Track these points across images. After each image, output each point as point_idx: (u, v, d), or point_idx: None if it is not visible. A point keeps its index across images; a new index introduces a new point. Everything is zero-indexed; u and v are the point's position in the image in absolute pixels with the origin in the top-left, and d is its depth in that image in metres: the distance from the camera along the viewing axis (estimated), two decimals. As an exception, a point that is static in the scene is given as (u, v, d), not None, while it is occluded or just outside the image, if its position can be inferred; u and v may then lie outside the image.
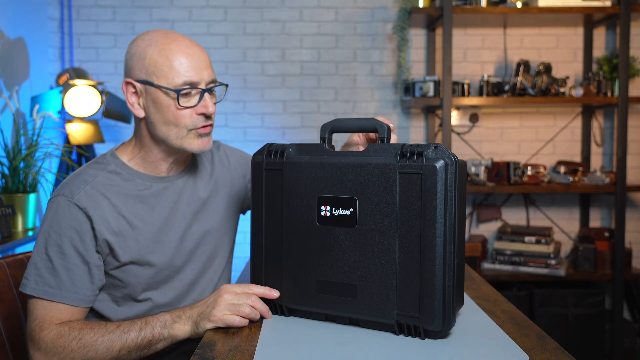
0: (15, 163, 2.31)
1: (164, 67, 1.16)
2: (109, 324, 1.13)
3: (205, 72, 1.19)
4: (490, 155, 3.27)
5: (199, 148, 1.23)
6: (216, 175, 1.39)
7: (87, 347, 1.10)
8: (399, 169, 0.99)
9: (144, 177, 1.26)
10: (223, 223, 1.38)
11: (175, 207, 1.28)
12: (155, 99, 1.18)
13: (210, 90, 1.22)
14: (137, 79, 1.19)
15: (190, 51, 1.18)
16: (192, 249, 1.31)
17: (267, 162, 1.12)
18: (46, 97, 2.68)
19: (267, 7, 3.22)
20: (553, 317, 2.92)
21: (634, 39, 3.17)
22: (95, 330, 1.11)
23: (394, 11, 3.21)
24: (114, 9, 3.18)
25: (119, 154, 1.28)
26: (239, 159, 1.48)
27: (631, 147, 3.24)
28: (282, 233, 1.11)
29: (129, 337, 1.10)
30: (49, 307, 1.14)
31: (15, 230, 2.29)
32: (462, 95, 3.05)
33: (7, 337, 1.29)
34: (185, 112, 1.18)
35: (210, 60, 1.23)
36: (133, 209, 1.22)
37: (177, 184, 1.30)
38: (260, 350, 0.99)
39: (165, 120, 1.19)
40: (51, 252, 1.16)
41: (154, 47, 1.18)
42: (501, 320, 1.14)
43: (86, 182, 1.19)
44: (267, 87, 3.23)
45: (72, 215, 1.16)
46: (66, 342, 1.10)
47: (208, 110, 1.20)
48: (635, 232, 3.29)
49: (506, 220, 3.30)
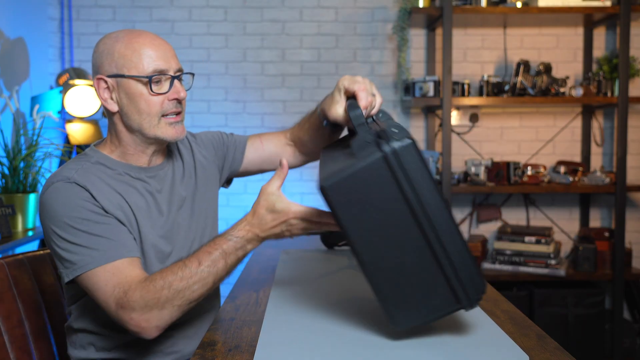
0: (15, 163, 2.31)
1: (133, 58, 1.21)
2: (188, 264, 1.12)
3: (172, 61, 1.25)
4: (490, 155, 3.27)
5: (174, 136, 1.26)
6: (189, 160, 1.42)
7: (182, 290, 1.10)
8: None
9: (127, 167, 1.29)
10: (205, 206, 1.41)
11: (161, 195, 1.31)
12: (127, 90, 1.22)
13: (179, 77, 1.26)
14: (108, 74, 1.23)
15: (157, 42, 1.24)
16: (181, 234, 1.32)
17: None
18: (46, 97, 2.68)
19: (267, 7, 3.22)
20: (553, 317, 2.92)
21: (634, 39, 3.17)
22: (180, 274, 1.10)
23: (394, 11, 3.21)
24: (114, 9, 3.18)
25: (99, 149, 1.31)
26: (202, 140, 1.49)
27: (631, 147, 3.23)
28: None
29: (218, 269, 1.12)
30: (117, 270, 1.13)
31: (15, 230, 2.29)
32: (462, 95, 3.05)
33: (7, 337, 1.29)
34: (157, 98, 1.22)
35: (174, 52, 1.28)
36: (126, 192, 1.24)
37: (159, 175, 1.33)
38: (260, 350, 0.99)
39: (139, 109, 1.22)
40: (81, 227, 1.15)
41: (121, 42, 1.22)
42: (501, 320, 1.14)
43: (75, 170, 1.21)
44: (267, 87, 3.23)
45: (76, 191, 1.17)
46: (157, 294, 1.09)
47: (180, 95, 1.24)
48: (635, 232, 3.29)
49: (506, 220, 3.30)
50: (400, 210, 0.95)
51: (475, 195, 3.28)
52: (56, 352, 1.42)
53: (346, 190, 0.95)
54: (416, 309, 0.98)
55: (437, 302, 0.98)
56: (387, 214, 0.95)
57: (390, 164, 0.93)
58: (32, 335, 1.36)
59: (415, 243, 0.96)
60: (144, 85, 1.21)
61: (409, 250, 0.96)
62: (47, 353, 1.39)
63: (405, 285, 0.98)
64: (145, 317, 1.09)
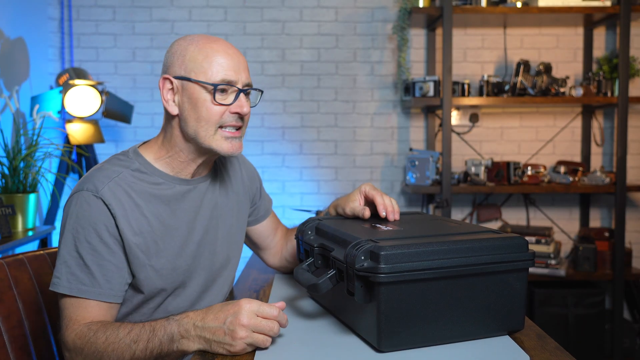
0: (15, 163, 2.31)
1: (203, 64, 1.18)
2: (122, 328, 1.07)
3: (243, 73, 1.21)
4: (490, 155, 3.27)
5: (229, 151, 1.22)
6: (232, 184, 1.40)
7: (100, 352, 1.06)
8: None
9: (168, 178, 1.24)
10: (235, 232, 1.38)
11: (196, 212, 1.27)
12: (191, 94, 1.19)
13: (246, 92, 1.22)
14: (175, 76, 1.20)
15: (231, 52, 1.20)
16: (207, 257, 1.30)
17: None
18: (46, 97, 2.68)
19: (267, 7, 3.22)
20: (553, 317, 2.92)
21: (634, 39, 3.17)
22: (107, 335, 1.07)
23: (394, 11, 3.21)
24: (114, 9, 3.18)
25: (143, 152, 1.26)
26: (249, 171, 1.48)
27: (631, 147, 3.24)
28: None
29: (138, 347, 1.04)
30: (79, 305, 1.13)
31: (15, 230, 2.29)
32: (462, 95, 3.05)
33: (7, 337, 1.29)
34: (219, 108, 1.19)
35: (247, 65, 1.24)
36: (155, 211, 1.21)
37: (199, 188, 1.29)
38: (260, 350, 0.99)
39: (198, 116, 1.19)
40: (81, 249, 1.14)
41: (195, 45, 1.20)
42: (501, 320, 1.14)
43: (110, 178, 1.17)
44: (267, 87, 3.23)
45: (99, 209, 1.14)
46: (83, 343, 1.08)
47: (242, 110, 1.20)
48: (635, 232, 3.29)
49: (506, 220, 3.30)
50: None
51: (476, 195, 3.28)
52: (56, 352, 1.42)
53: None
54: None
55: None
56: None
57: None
58: (32, 335, 1.36)
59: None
60: (209, 92, 1.17)
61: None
62: (47, 353, 1.39)
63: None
64: (72, 358, 1.11)
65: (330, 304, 1.14)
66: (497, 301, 1.02)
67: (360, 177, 3.27)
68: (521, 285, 1.04)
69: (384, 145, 3.28)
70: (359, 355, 0.96)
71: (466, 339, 1.02)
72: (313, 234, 1.24)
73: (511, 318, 1.04)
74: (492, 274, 1.01)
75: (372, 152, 3.28)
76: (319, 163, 3.27)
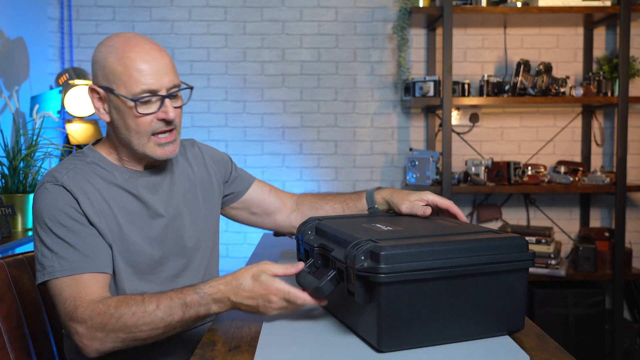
0: (15, 163, 2.31)
1: (122, 76, 1.18)
2: (147, 302, 1.08)
3: (165, 78, 1.20)
4: (491, 155, 3.27)
5: (162, 156, 1.25)
6: (193, 170, 1.41)
7: (130, 327, 1.07)
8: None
9: (122, 170, 1.28)
10: (203, 217, 1.39)
11: (155, 199, 1.29)
12: (117, 105, 1.21)
13: (171, 95, 1.22)
14: (100, 85, 1.22)
15: (150, 57, 1.19)
16: (175, 240, 1.31)
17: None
18: (46, 97, 2.68)
19: (267, 7, 3.22)
20: (553, 317, 2.92)
21: (634, 39, 3.17)
22: (133, 309, 1.07)
23: (394, 11, 3.21)
24: (114, 9, 3.18)
25: (97, 149, 1.30)
26: (213, 155, 1.49)
27: (631, 147, 3.23)
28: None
29: (173, 319, 1.07)
30: (77, 284, 1.13)
31: (15, 230, 2.29)
32: (462, 95, 3.05)
33: (7, 337, 1.29)
34: (145, 118, 1.20)
35: (172, 64, 1.23)
36: (115, 196, 1.24)
37: (155, 179, 1.31)
38: (260, 350, 0.99)
39: (127, 126, 1.21)
40: (61, 233, 1.16)
41: (115, 54, 1.19)
42: (501, 320, 1.14)
43: (67, 169, 1.21)
44: (267, 87, 3.23)
45: (62, 194, 1.18)
46: (105, 320, 1.08)
47: (168, 116, 1.21)
48: (635, 232, 3.29)
49: (506, 220, 3.30)
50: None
51: (476, 195, 3.28)
52: (56, 352, 1.42)
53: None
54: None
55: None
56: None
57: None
58: (32, 335, 1.36)
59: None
60: (130, 106, 1.19)
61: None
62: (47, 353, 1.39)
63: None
64: (89, 335, 1.09)
65: (330, 304, 1.14)
66: (497, 301, 1.02)
67: (360, 177, 3.27)
68: (521, 285, 1.04)
69: (384, 145, 3.27)
70: (359, 355, 0.96)
71: (466, 339, 1.02)
72: (313, 234, 1.24)
73: (511, 318, 1.04)
74: (492, 274, 1.01)
75: (372, 152, 3.28)
76: (319, 163, 3.27)
